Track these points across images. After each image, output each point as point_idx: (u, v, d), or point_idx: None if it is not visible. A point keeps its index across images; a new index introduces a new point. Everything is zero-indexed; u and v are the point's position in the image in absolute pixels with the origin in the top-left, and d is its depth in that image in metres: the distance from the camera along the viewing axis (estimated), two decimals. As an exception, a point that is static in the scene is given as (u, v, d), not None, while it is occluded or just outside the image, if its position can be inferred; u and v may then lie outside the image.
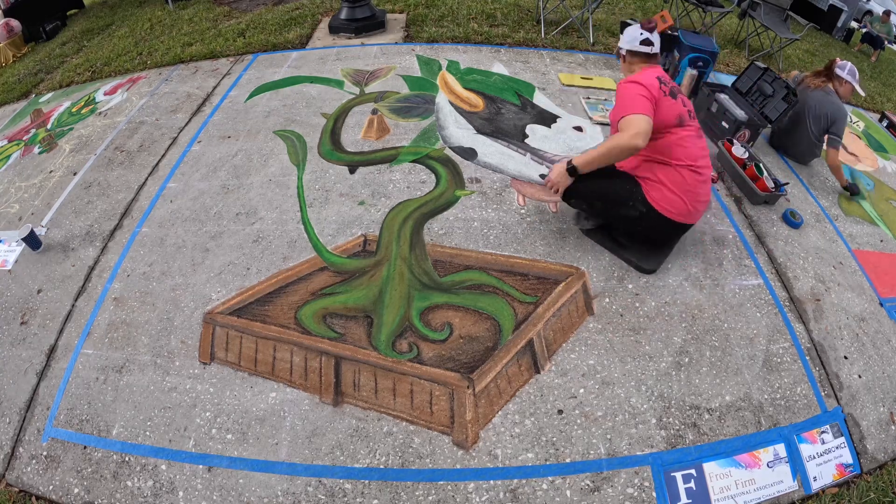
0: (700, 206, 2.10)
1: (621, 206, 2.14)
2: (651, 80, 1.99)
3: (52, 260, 2.34)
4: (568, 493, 1.59)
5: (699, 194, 2.06)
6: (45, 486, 1.65)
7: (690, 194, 2.03)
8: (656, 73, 2.04)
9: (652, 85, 1.97)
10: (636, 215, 2.12)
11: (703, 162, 2.07)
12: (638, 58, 2.11)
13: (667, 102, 1.98)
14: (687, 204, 2.04)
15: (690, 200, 2.04)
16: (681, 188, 2.02)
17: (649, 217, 2.09)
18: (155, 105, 3.46)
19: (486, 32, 4.32)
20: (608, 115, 3.25)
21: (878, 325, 2.22)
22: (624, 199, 2.12)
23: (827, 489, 1.71)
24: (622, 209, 2.14)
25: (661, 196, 2.04)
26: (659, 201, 2.05)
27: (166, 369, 1.90)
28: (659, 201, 2.05)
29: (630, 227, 2.21)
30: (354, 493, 1.58)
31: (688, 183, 2.02)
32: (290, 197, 2.59)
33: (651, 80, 1.99)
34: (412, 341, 1.95)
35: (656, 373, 1.90)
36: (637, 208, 2.10)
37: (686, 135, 2.03)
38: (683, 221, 2.09)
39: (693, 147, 2.04)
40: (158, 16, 5.46)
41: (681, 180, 2.02)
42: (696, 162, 2.03)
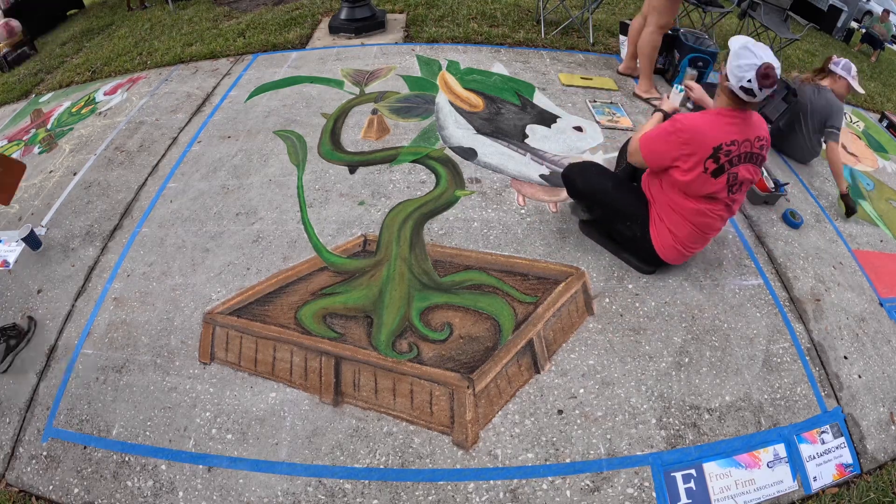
0: (690, 255, 2.15)
1: (620, 222, 2.16)
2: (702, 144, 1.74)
3: (52, 260, 2.35)
4: (568, 493, 1.59)
5: (696, 247, 2.09)
6: (45, 486, 1.65)
7: (689, 246, 2.06)
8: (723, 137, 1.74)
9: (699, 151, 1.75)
10: (630, 235, 2.14)
11: (718, 227, 2.05)
12: (728, 94, 1.76)
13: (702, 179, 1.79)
14: (680, 253, 2.08)
15: (686, 252, 2.08)
16: (682, 241, 2.03)
17: (642, 242, 2.11)
18: (155, 105, 3.46)
19: (486, 32, 4.32)
20: (616, 118, 3.26)
21: (878, 325, 2.22)
22: (625, 217, 2.13)
23: (827, 489, 1.71)
24: (619, 224, 2.17)
25: (662, 236, 2.05)
26: (657, 238, 2.06)
27: (166, 369, 1.90)
28: (657, 238, 2.06)
29: (622, 239, 2.24)
30: (354, 493, 1.58)
31: (692, 238, 2.03)
32: (290, 197, 2.59)
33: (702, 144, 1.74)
34: (412, 341, 1.95)
35: (656, 373, 1.90)
36: (633, 230, 2.12)
37: (714, 209, 1.91)
38: (668, 263, 2.15)
39: (715, 220, 1.97)
40: (158, 16, 5.47)
41: (686, 236, 2.02)
42: (711, 229, 2.02)
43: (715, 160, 1.76)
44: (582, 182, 2.18)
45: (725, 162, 1.77)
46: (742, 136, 1.78)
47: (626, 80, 3.79)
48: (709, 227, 2.01)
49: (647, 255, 2.15)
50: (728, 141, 1.76)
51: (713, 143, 1.75)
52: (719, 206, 1.92)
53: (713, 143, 1.75)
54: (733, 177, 1.82)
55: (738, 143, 1.77)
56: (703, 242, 2.11)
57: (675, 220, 2.00)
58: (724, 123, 1.77)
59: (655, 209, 2.06)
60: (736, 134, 1.77)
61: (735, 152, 1.77)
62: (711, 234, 2.08)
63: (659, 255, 2.09)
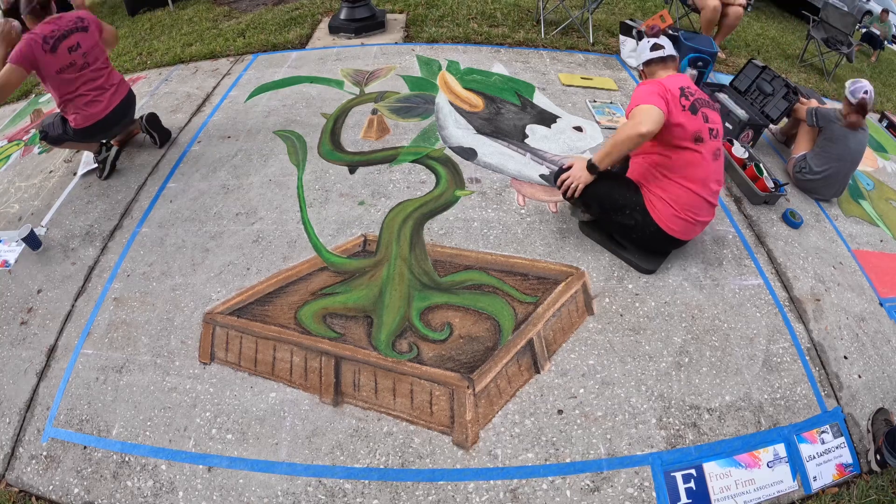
0: (698, 225, 2.11)
1: (619, 213, 2.15)
2: (671, 86, 1.94)
3: (52, 260, 2.34)
4: (568, 493, 1.59)
5: (700, 215, 2.06)
6: (45, 486, 1.64)
7: (691, 214, 2.03)
8: (679, 82, 1.97)
9: (670, 91, 1.92)
10: (632, 223, 2.13)
11: (713, 185, 2.04)
12: (655, 65, 2.11)
13: (684, 116, 1.91)
14: (685, 222, 2.05)
15: (690, 219, 2.05)
16: (683, 207, 2.02)
17: (645, 226, 2.10)
18: (155, 105, 3.46)
19: (486, 32, 4.32)
20: (616, 118, 3.26)
21: (878, 325, 2.22)
22: (622, 206, 2.12)
23: (827, 489, 1.71)
24: (619, 216, 2.15)
25: (662, 211, 2.05)
26: (658, 215, 2.06)
27: (166, 369, 1.90)
28: (658, 215, 2.06)
29: (625, 232, 2.22)
30: (354, 493, 1.58)
31: (691, 203, 2.02)
32: (290, 197, 2.59)
33: (671, 86, 1.94)
34: (412, 341, 1.95)
35: (656, 373, 1.90)
36: (634, 217, 2.11)
37: (700, 155, 1.96)
38: (679, 237, 2.11)
39: (705, 169, 1.99)
40: (158, 16, 5.46)
41: (685, 200, 2.01)
42: (706, 184, 2.01)
43: (686, 98, 1.94)
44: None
45: (694, 101, 1.95)
46: (692, 86, 2.01)
47: (626, 81, 3.80)
48: (703, 182, 1.99)
49: (652, 239, 2.14)
50: (685, 85, 1.98)
51: (676, 85, 1.96)
52: (706, 151, 1.97)
53: (676, 85, 1.96)
54: (706, 117, 1.98)
55: (692, 89, 2.00)
56: (707, 210, 2.07)
57: (670, 188, 2.02)
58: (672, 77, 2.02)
59: (648, 190, 2.09)
60: (686, 82, 2.01)
61: (696, 94, 1.98)
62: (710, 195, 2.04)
63: (667, 232, 2.06)
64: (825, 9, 5.08)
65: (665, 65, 2.11)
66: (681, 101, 1.92)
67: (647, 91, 1.92)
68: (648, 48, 2.11)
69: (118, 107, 2.64)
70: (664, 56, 2.09)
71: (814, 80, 4.60)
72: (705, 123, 1.97)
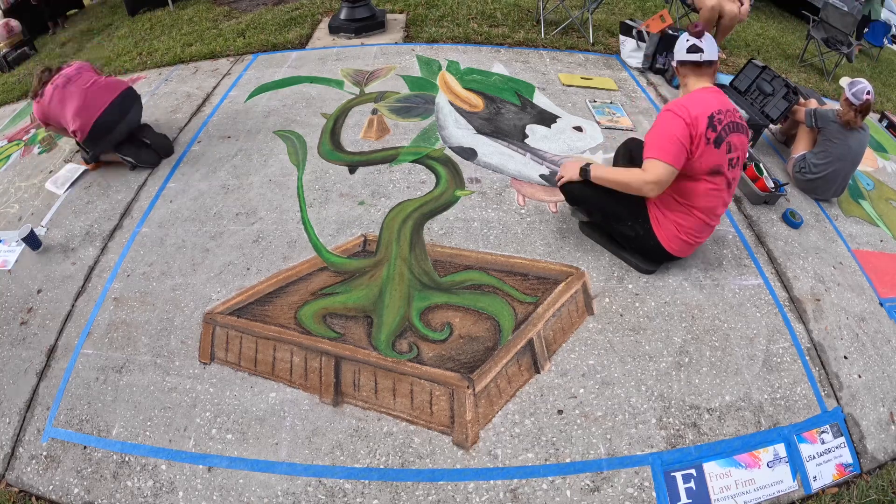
0: (697, 245, 2.13)
1: (621, 224, 2.15)
2: (700, 115, 1.80)
3: (52, 260, 2.34)
4: (568, 493, 1.59)
5: (701, 236, 2.08)
6: (45, 486, 1.64)
7: (693, 236, 2.05)
8: (711, 107, 1.82)
9: (697, 125, 1.79)
10: (632, 235, 2.14)
11: (719, 213, 2.04)
12: (688, 68, 1.94)
13: (707, 151, 1.82)
14: (686, 243, 2.06)
15: (691, 241, 2.06)
16: (687, 231, 2.03)
17: (646, 240, 2.10)
18: (155, 105, 3.46)
19: (486, 32, 4.32)
20: (616, 118, 3.26)
21: (878, 325, 2.22)
22: (625, 218, 2.12)
23: (827, 489, 1.71)
24: (621, 226, 2.16)
25: (665, 230, 2.05)
26: (661, 233, 2.06)
27: (166, 369, 1.90)
28: (661, 233, 2.06)
29: (625, 241, 2.23)
30: (354, 493, 1.58)
31: (696, 228, 2.02)
32: (290, 197, 2.59)
33: (700, 115, 1.80)
34: (412, 341, 1.95)
35: (656, 373, 1.90)
36: (636, 229, 2.11)
37: (715, 187, 1.92)
38: (675, 255, 2.13)
39: (717, 200, 1.97)
40: (158, 16, 5.46)
41: (690, 225, 2.01)
42: (713, 212, 2.01)
43: (713, 129, 1.81)
44: (579, 188, 2.13)
45: (721, 130, 1.83)
46: (724, 106, 1.88)
47: (626, 81, 3.80)
48: (711, 212, 1.99)
49: (651, 251, 2.14)
50: (716, 109, 1.84)
51: (706, 111, 1.82)
52: (721, 184, 1.93)
53: (706, 111, 1.82)
54: (729, 146, 1.87)
55: (723, 112, 1.86)
56: (708, 231, 2.09)
57: (677, 212, 2.01)
58: (705, 96, 1.88)
59: (655, 206, 2.06)
60: (718, 104, 1.87)
61: (725, 120, 1.85)
62: (715, 220, 2.06)
63: (665, 249, 2.07)
64: (825, 9, 5.08)
65: (699, 70, 1.93)
66: (706, 135, 1.80)
67: (670, 134, 1.79)
68: (685, 47, 1.90)
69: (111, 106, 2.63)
70: (699, 61, 1.90)
71: (814, 80, 4.60)
72: (727, 154, 1.87)
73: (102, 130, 2.62)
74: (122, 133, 2.74)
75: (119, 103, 2.67)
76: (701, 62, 1.90)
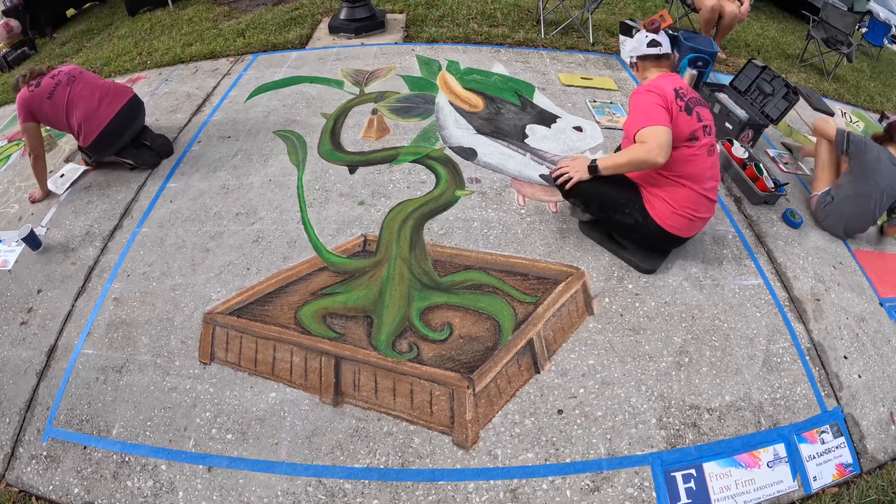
0: (698, 222, 2.10)
1: (617, 212, 2.15)
2: (667, 90, 1.94)
3: (52, 260, 2.34)
4: (568, 493, 1.59)
5: (699, 211, 2.06)
6: (45, 486, 1.64)
7: (690, 210, 2.03)
8: (673, 84, 1.97)
9: (667, 95, 1.92)
10: (632, 223, 2.13)
11: (709, 181, 2.04)
12: (649, 61, 2.09)
13: (681, 118, 1.92)
14: (685, 219, 2.05)
15: (689, 216, 2.04)
16: (681, 204, 2.02)
17: (645, 225, 2.10)
18: (155, 105, 3.46)
19: (486, 32, 4.32)
20: (616, 118, 3.26)
21: (878, 325, 2.22)
22: (621, 205, 2.13)
23: (827, 489, 1.71)
24: (618, 215, 2.15)
25: (660, 209, 2.05)
26: (657, 213, 2.06)
27: (166, 369, 1.90)
28: (657, 213, 2.06)
29: (625, 231, 2.22)
30: (354, 493, 1.58)
31: (689, 200, 2.02)
32: (290, 197, 2.59)
33: (667, 90, 1.94)
34: (412, 341, 1.95)
35: (656, 373, 1.90)
36: (633, 216, 2.11)
37: (695, 152, 1.97)
38: (679, 235, 2.10)
39: (701, 165, 1.99)
40: (158, 16, 5.46)
41: (682, 197, 2.01)
42: (702, 180, 2.01)
43: (680, 99, 1.95)
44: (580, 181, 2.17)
45: (687, 100, 1.96)
46: (683, 86, 2.01)
47: (626, 81, 3.80)
48: (699, 180, 2.00)
49: (653, 238, 2.13)
50: (678, 86, 1.98)
51: (671, 87, 1.96)
52: (702, 149, 1.98)
53: (671, 87, 1.96)
54: (699, 115, 1.98)
55: (684, 88, 2.01)
56: (705, 206, 2.06)
57: (668, 187, 2.02)
58: (665, 79, 2.01)
59: (646, 189, 2.09)
60: (678, 83, 2.01)
61: (688, 95, 1.99)
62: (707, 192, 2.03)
63: (667, 230, 2.07)
64: (825, 9, 5.08)
65: (658, 63, 2.10)
66: (677, 103, 1.92)
67: (649, 103, 1.89)
68: (645, 43, 2.08)
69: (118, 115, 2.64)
70: (658, 54, 2.08)
71: (814, 80, 4.60)
72: (699, 122, 1.97)
73: (109, 139, 2.63)
74: (126, 140, 2.74)
75: (126, 111, 2.68)
76: (660, 55, 2.08)
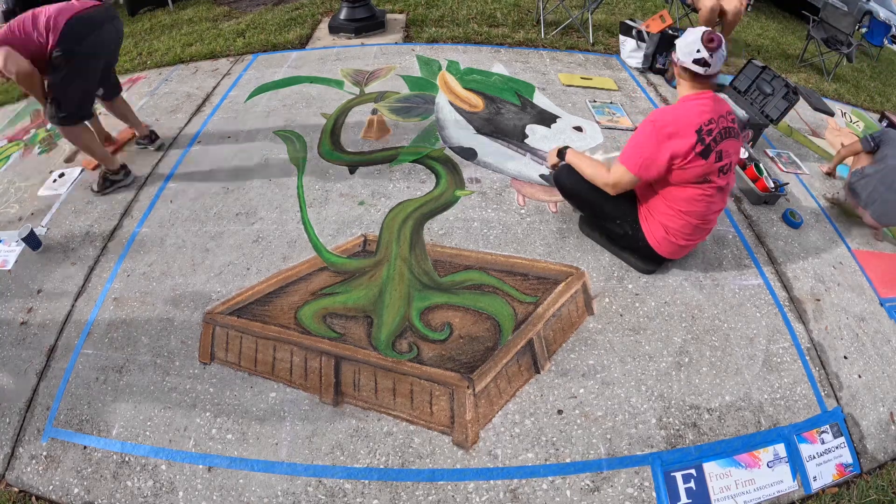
0: (690, 247, 2.11)
1: (610, 222, 2.17)
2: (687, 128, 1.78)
3: (52, 260, 2.34)
4: (568, 493, 1.59)
5: (693, 238, 2.05)
6: (45, 486, 1.64)
7: (684, 239, 2.03)
8: (700, 119, 1.78)
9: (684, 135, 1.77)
10: (621, 233, 2.15)
11: (712, 218, 2.02)
12: (687, 75, 1.85)
13: (694, 162, 1.80)
14: (676, 245, 2.05)
15: (683, 244, 2.05)
16: (676, 233, 2.01)
17: (636, 240, 2.11)
18: (155, 105, 3.46)
19: (486, 32, 4.32)
20: (616, 118, 3.26)
21: (878, 325, 2.22)
22: (614, 217, 2.14)
23: (827, 489, 1.71)
24: (609, 224, 2.18)
25: (654, 231, 2.05)
26: (650, 234, 2.06)
27: (166, 369, 1.90)
28: (650, 234, 2.06)
29: (615, 238, 2.24)
30: (354, 493, 1.58)
31: (686, 230, 2.00)
32: (290, 197, 2.59)
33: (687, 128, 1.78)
34: (412, 341, 1.95)
35: (656, 373, 1.90)
36: (625, 228, 2.12)
37: (704, 194, 1.89)
38: (666, 258, 2.13)
39: (706, 205, 1.93)
40: (158, 16, 5.46)
41: (679, 227, 2.00)
42: (705, 216, 1.98)
43: (701, 142, 1.79)
44: (570, 182, 2.18)
45: (710, 141, 1.80)
46: (716, 114, 1.83)
47: (626, 81, 3.80)
48: (702, 216, 1.96)
49: (643, 251, 2.14)
50: (706, 121, 1.80)
51: (694, 126, 1.79)
52: (711, 190, 1.90)
53: (694, 126, 1.79)
54: (719, 154, 1.84)
55: (715, 120, 1.82)
56: (701, 234, 2.06)
57: (668, 213, 1.99)
58: (697, 106, 1.83)
59: (644, 206, 2.07)
60: (710, 113, 1.82)
61: (716, 130, 1.81)
62: (707, 224, 2.03)
63: (656, 251, 2.08)
64: (825, 9, 5.08)
65: (698, 80, 1.84)
66: (694, 148, 1.78)
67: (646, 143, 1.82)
68: (693, 55, 1.78)
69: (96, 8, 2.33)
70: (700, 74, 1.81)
71: (814, 80, 4.60)
72: (717, 163, 1.83)
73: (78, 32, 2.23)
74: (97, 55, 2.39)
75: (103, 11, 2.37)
76: (701, 76, 1.82)
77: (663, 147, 1.80)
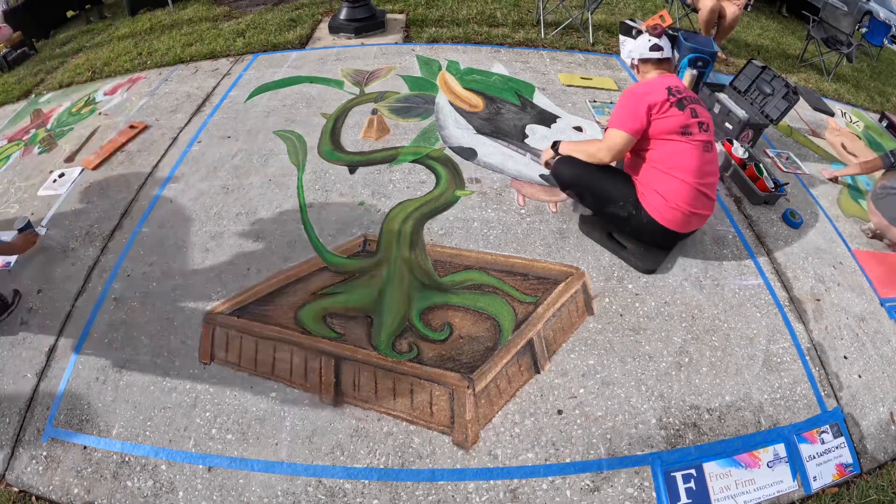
0: (694, 218, 2.09)
1: (612, 205, 2.17)
2: (657, 88, 2.00)
3: (52, 260, 2.34)
4: (568, 493, 1.59)
5: (695, 206, 2.05)
6: (45, 486, 1.64)
7: (684, 204, 2.03)
8: (668, 82, 2.03)
9: (656, 92, 1.98)
10: (625, 215, 2.15)
11: (706, 177, 2.04)
12: (650, 65, 2.17)
13: (671, 112, 1.98)
14: (679, 213, 2.04)
15: (684, 210, 2.04)
16: (674, 198, 2.02)
17: (639, 219, 2.11)
18: (155, 105, 3.46)
19: (486, 32, 4.32)
20: None
21: (878, 325, 2.22)
22: (615, 198, 2.15)
23: (827, 489, 1.71)
24: (612, 207, 2.17)
25: (654, 202, 2.06)
26: (651, 206, 2.07)
27: (166, 369, 1.90)
28: (651, 206, 2.07)
29: (621, 225, 2.24)
30: (354, 493, 1.59)
31: (683, 193, 2.01)
32: (290, 197, 2.59)
33: (657, 88, 2.00)
34: (412, 341, 1.95)
35: (656, 373, 1.90)
36: (627, 209, 2.13)
37: (689, 146, 1.99)
38: (675, 230, 2.10)
39: (696, 159, 2.00)
40: (158, 16, 5.46)
41: (676, 190, 2.01)
42: (697, 175, 2.00)
43: (673, 96, 1.99)
44: (568, 171, 2.21)
45: (681, 98, 2.00)
46: (679, 84, 2.06)
47: (626, 81, 3.80)
48: (695, 173, 1.99)
49: (647, 231, 2.14)
50: (674, 85, 2.03)
51: (664, 85, 2.02)
52: (697, 144, 2.00)
53: (664, 85, 2.02)
54: (693, 111, 2.01)
55: (680, 87, 2.05)
56: (701, 200, 2.05)
57: (660, 177, 2.03)
58: (663, 79, 2.08)
59: (639, 182, 2.12)
60: (676, 83, 2.06)
61: (683, 93, 2.03)
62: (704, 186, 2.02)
63: (662, 224, 2.06)
64: (825, 9, 5.08)
65: (659, 66, 2.16)
66: (668, 99, 1.98)
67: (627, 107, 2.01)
68: (648, 47, 2.14)
69: None
70: (660, 59, 2.15)
71: (814, 80, 4.60)
72: (693, 118, 2.00)
73: None
74: None
75: None
76: (661, 59, 2.14)
77: (640, 102, 1.98)
